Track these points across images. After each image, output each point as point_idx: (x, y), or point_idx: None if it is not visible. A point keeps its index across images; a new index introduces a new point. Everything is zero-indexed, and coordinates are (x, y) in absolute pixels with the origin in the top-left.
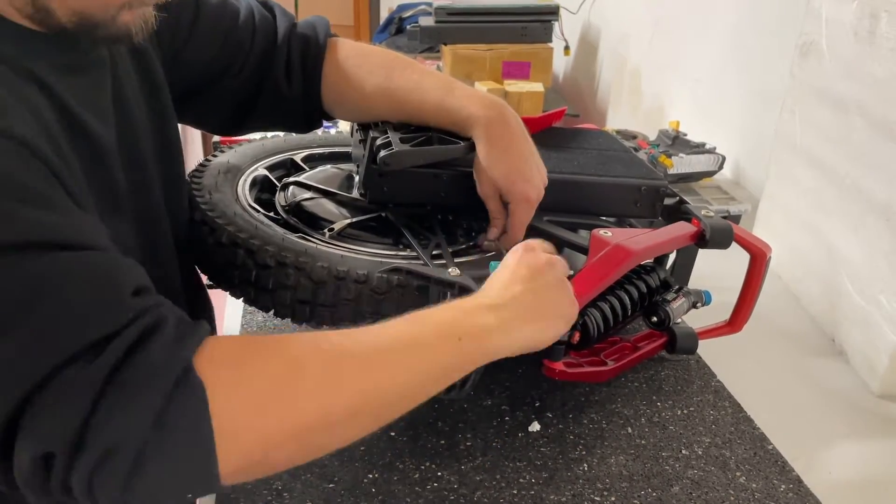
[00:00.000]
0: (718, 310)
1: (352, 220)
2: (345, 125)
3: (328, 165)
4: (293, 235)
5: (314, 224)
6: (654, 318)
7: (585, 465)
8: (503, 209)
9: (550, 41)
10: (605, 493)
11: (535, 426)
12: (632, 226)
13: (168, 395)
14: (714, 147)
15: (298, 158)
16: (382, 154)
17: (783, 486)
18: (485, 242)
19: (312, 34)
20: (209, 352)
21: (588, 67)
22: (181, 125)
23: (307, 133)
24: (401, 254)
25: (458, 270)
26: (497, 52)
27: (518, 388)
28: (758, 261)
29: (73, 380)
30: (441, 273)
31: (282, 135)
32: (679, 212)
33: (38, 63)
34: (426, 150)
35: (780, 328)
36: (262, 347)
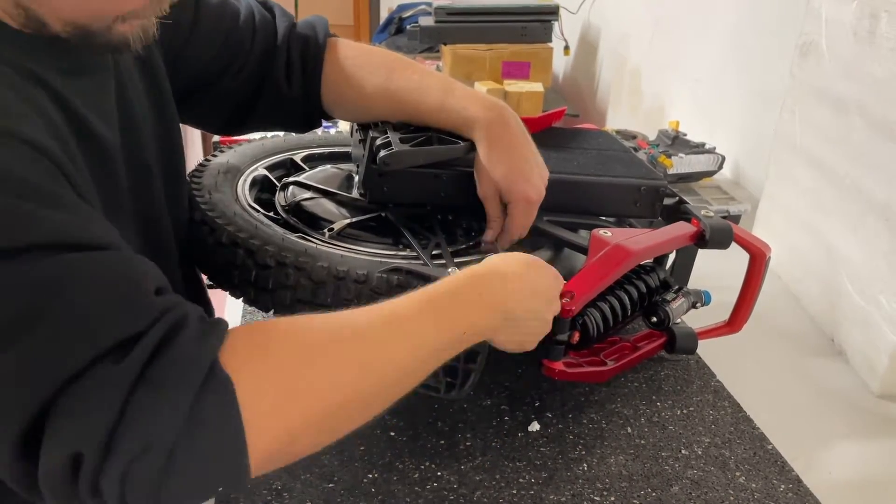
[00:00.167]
0: (718, 310)
1: (352, 220)
2: (345, 125)
3: (328, 165)
4: (293, 235)
5: (314, 224)
6: (654, 318)
7: (585, 465)
8: (501, 211)
9: (550, 41)
10: (605, 493)
11: (535, 426)
12: (632, 226)
13: (197, 392)
14: (714, 147)
15: (298, 158)
16: (382, 154)
17: (783, 486)
18: (483, 245)
19: (312, 34)
20: (231, 347)
21: (588, 67)
22: (182, 125)
23: (306, 133)
24: (401, 254)
25: (458, 270)
26: (497, 52)
27: (518, 388)
28: (757, 261)
29: (102, 380)
30: (441, 273)
31: (281, 135)
32: (679, 212)
33: (42, 66)
34: (426, 150)
35: (780, 328)
36: (279, 335)
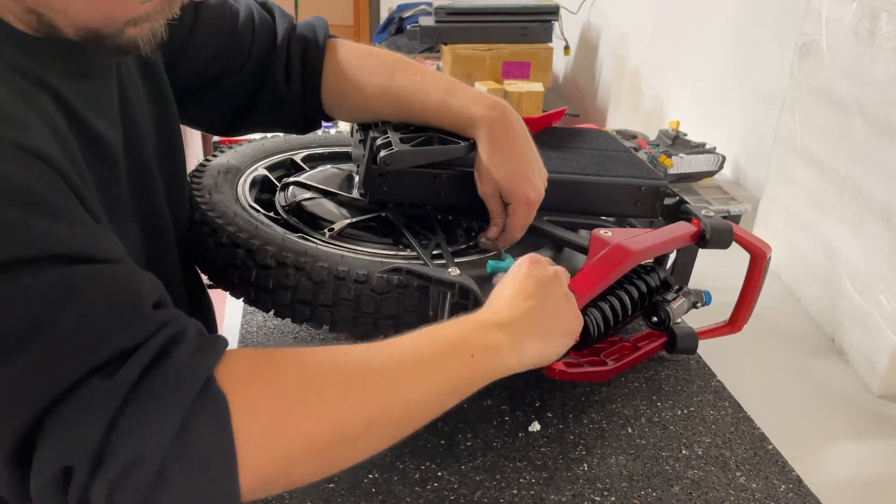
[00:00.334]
0: (718, 310)
1: (352, 220)
2: (345, 125)
3: (328, 165)
4: (293, 235)
5: (314, 224)
6: (654, 318)
7: (585, 465)
8: (503, 209)
9: (550, 41)
10: (605, 493)
11: (535, 426)
12: (632, 226)
13: (190, 408)
14: (714, 147)
15: (298, 158)
16: (382, 154)
17: (783, 486)
18: (483, 240)
19: (312, 35)
20: (229, 365)
21: (588, 67)
22: (181, 126)
23: (306, 134)
24: (401, 254)
25: (458, 270)
26: (497, 52)
27: (518, 388)
28: (758, 261)
29: (95, 393)
30: (441, 273)
31: (281, 135)
32: (679, 212)
33: (47, 70)
34: (426, 150)
35: (780, 328)
36: (282, 361)
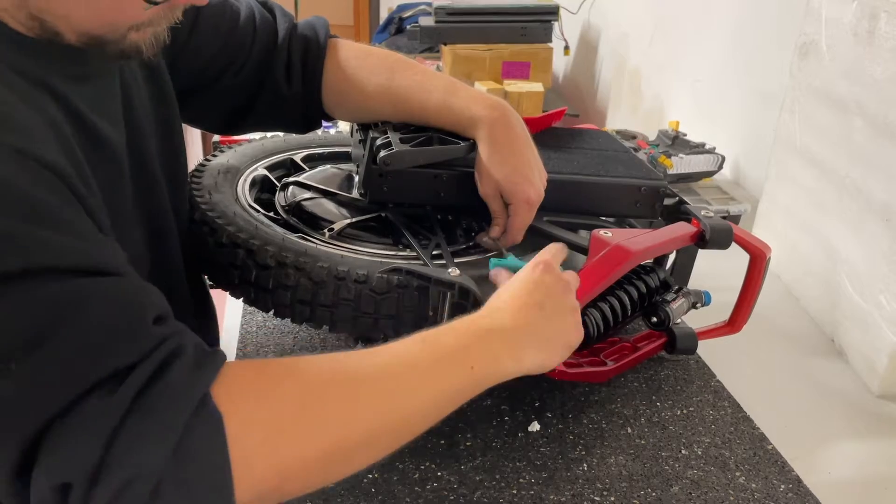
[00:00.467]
0: (718, 310)
1: (352, 220)
2: (345, 125)
3: (328, 165)
4: (293, 235)
5: (314, 224)
6: (654, 319)
7: (585, 465)
8: (505, 209)
9: (550, 41)
10: (605, 493)
11: (535, 426)
12: (632, 226)
13: (186, 426)
14: (714, 147)
15: (298, 158)
16: (382, 154)
17: (783, 486)
18: (485, 240)
19: (313, 35)
20: (226, 380)
21: (588, 67)
22: (182, 125)
23: (306, 134)
24: (401, 254)
25: (458, 270)
26: (497, 52)
27: (518, 388)
28: (757, 261)
29: (94, 410)
30: (441, 273)
31: (281, 135)
32: (679, 212)
33: (50, 72)
34: (426, 150)
35: (780, 328)
36: (278, 375)
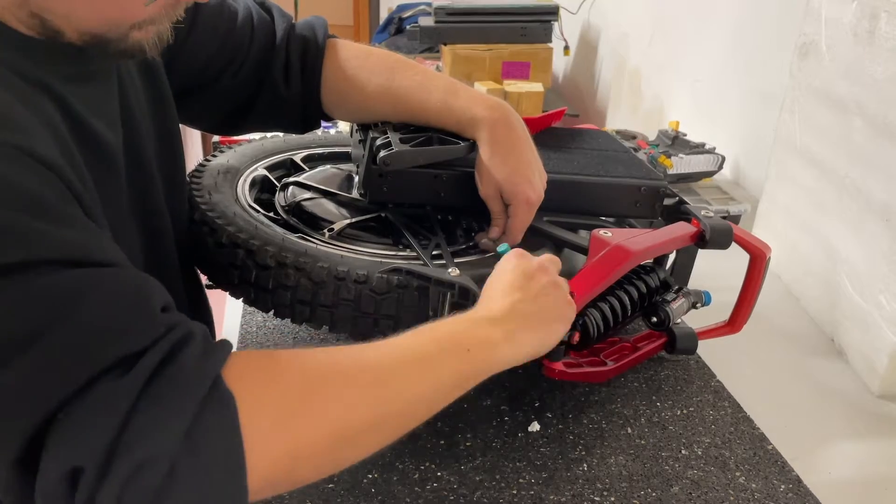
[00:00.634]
0: (718, 310)
1: (352, 221)
2: (345, 125)
3: (328, 165)
4: (293, 236)
5: (314, 224)
6: (654, 319)
7: (585, 465)
8: (505, 209)
9: (550, 41)
10: (605, 493)
11: (535, 426)
12: (632, 226)
13: (199, 408)
14: (714, 147)
15: (298, 158)
16: (382, 154)
17: (783, 486)
18: (484, 241)
19: (311, 35)
20: (235, 366)
21: (588, 67)
22: (181, 126)
23: (306, 133)
24: (401, 254)
25: (458, 270)
26: (497, 53)
27: (518, 388)
28: (757, 261)
29: (104, 395)
30: (441, 273)
31: (281, 135)
32: (679, 212)
33: (48, 72)
34: (426, 151)
35: (780, 328)
36: (284, 362)
